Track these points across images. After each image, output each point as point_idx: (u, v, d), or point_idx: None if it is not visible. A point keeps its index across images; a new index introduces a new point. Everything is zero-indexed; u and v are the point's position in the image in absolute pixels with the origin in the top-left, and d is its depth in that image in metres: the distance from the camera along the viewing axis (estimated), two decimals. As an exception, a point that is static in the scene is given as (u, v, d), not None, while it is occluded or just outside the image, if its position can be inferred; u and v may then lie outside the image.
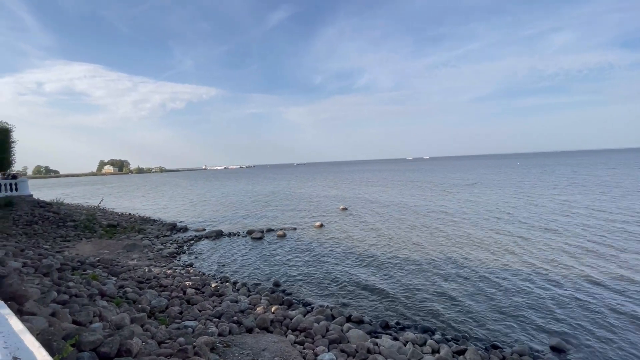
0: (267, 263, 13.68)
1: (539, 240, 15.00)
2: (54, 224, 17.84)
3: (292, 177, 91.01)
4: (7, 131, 21.62)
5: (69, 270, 9.38)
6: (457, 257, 13.15)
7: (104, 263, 11.49)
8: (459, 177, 56.54)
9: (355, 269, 12.39)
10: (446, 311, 8.89)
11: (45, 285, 7.14)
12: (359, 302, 9.70)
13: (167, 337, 5.86)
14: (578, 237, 15.02)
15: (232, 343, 6.00)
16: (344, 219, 22.99)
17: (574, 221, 18.23)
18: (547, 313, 8.54)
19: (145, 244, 16.46)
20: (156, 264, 13.14)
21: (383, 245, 15.58)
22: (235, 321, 7.43)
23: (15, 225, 16.36)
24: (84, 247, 14.87)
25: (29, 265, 8.59)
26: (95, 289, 7.84)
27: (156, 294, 8.84)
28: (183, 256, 15.15)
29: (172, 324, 6.99)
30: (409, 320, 8.55)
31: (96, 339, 4.34)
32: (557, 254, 13.05)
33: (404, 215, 22.91)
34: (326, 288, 10.82)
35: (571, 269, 11.34)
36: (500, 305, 9.04)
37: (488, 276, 11.09)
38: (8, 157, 21.82)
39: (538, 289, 9.97)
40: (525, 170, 66.46)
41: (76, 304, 6.30)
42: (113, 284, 8.82)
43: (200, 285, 10.30)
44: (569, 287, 9.95)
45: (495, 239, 15.63)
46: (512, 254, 13.26)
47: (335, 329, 7.41)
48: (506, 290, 10.00)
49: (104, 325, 5.61)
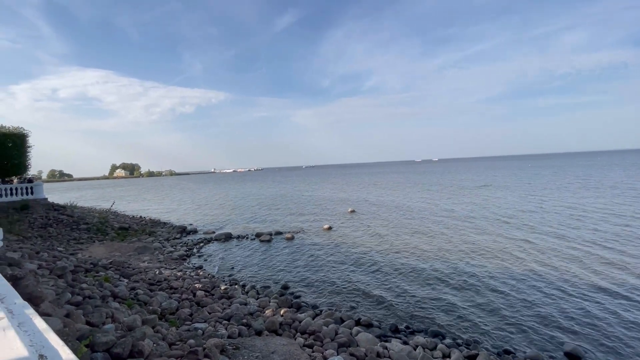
0: (275, 266, 13.71)
1: (550, 245, 14.70)
2: (68, 227, 18.22)
3: (301, 179, 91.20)
4: (24, 136, 22.23)
5: (82, 272, 9.56)
6: (467, 262, 12.98)
7: (116, 265, 11.68)
8: (468, 179, 55.86)
9: (364, 272, 12.33)
10: (457, 315, 8.76)
11: (59, 286, 7.29)
12: (368, 305, 9.64)
13: (178, 339, 5.91)
14: (591, 243, 14.66)
15: (242, 345, 6.02)
16: (352, 221, 22.92)
17: (586, 225, 17.82)
18: (561, 319, 8.34)
19: (155, 246, 16.68)
20: (166, 266, 13.29)
21: (392, 248, 15.47)
22: (244, 324, 7.46)
23: (31, 228, 16.78)
24: (97, 249, 15.14)
25: (44, 267, 8.79)
26: (107, 291, 7.98)
27: (167, 295, 8.94)
28: (193, 258, 15.30)
29: (183, 326, 7.05)
30: (419, 324, 8.45)
31: (109, 340, 4.41)
32: (568, 259, 12.77)
33: (412, 218, 22.73)
34: (335, 291, 10.78)
35: (585, 276, 11.07)
36: (512, 311, 8.88)
37: (499, 281, 10.91)
38: (24, 162, 22.41)
39: (551, 295, 9.77)
40: (537, 172, 65.30)
41: (89, 305, 6.42)
42: (125, 286, 8.95)
43: (210, 288, 10.38)
44: (583, 294, 9.72)
45: (505, 244, 15.38)
46: (522, 260, 13.02)
47: (344, 332, 7.37)
48: (518, 295, 9.81)
49: (116, 326, 5.70)
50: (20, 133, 21.94)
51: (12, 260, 7.88)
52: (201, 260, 15.01)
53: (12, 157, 21.47)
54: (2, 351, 0.71)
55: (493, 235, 16.68)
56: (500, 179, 52.27)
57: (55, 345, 0.76)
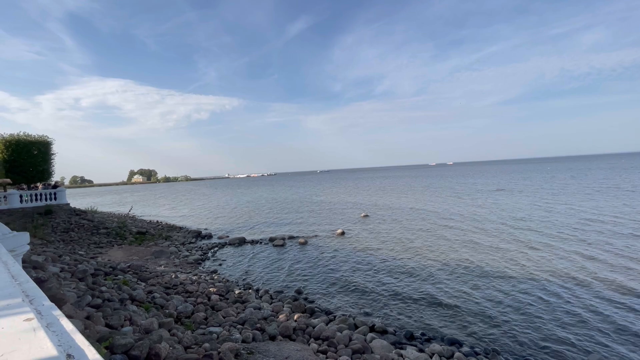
0: (289, 270, 13.73)
1: (571, 252, 14.19)
2: (89, 231, 18.80)
3: (314, 184, 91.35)
4: (48, 144, 23.21)
5: (102, 275, 9.83)
6: (483, 268, 12.66)
7: (134, 269, 11.95)
8: (483, 183, 54.66)
9: (377, 278, 12.19)
10: (474, 323, 8.53)
11: (80, 289, 7.51)
12: (382, 311, 9.51)
13: (193, 342, 5.98)
14: (615, 250, 14.07)
15: (256, 350, 6.04)
16: (365, 226, 22.75)
17: (607, 229, 17.11)
18: (583, 329, 8.01)
19: (171, 250, 16.99)
20: (182, 270, 13.51)
21: (406, 253, 15.26)
22: (258, 328, 7.48)
23: (54, 232, 17.39)
24: (116, 253, 15.54)
25: (66, 270, 9.09)
26: (125, 294, 8.16)
27: (182, 299, 9.07)
28: (207, 263, 15.50)
29: (198, 330, 7.13)
30: (435, 331, 8.27)
31: (127, 342, 4.50)
32: (589, 266, 12.28)
33: (426, 223, 22.37)
34: (348, 296, 10.69)
35: (607, 283, 10.62)
36: (533, 319, 8.58)
37: (518, 289, 10.58)
38: (49, 168, 23.38)
39: (573, 304, 9.40)
40: (556, 175, 63.29)
41: (109, 308, 6.58)
42: (142, 289, 9.14)
43: (224, 292, 10.48)
44: (607, 303, 9.31)
45: (524, 250, 14.93)
46: (541, 266, 12.60)
47: (358, 338, 7.29)
48: (539, 304, 9.49)
49: (134, 329, 5.82)
50: (45, 141, 22.93)
51: (37, 263, 8.18)
52: (216, 264, 15.19)
53: (37, 164, 22.45)
54: (34, 350, 0.74)
55: (513, 243, 16.23)
56: (519, 183, 50.91)
57: (81, 346, 0.78)
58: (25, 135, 22.27)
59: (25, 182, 22.62)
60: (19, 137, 21.88)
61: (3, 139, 21.54)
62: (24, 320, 0.92)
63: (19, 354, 0.73)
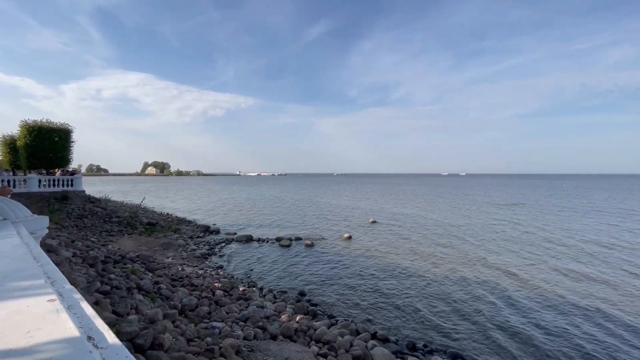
0: (293, 271, 13.76)
1: (586, 271, 13.80)
2: (101, 219, 19.25)
3: (325, 187, 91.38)
4: (69, 132, 23.92)
5: (111, 263, 10.05)
6: (491, 283, 12.42)
7: (142, 259, 12.18)
8: (496, 196, 53.65)
9: (382, 285, 12.10)
10: (479, 338, 8.38)
11: (90, 275, 7.70)
12: (385, 319, 9.43)
13: (196, 336, 6.06)
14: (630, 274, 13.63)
15: (257, 348, 6.07)
16: (372, 232, 22.62)
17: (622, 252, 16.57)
18: (594, 349, 7.77)
19: (180, 243, 17.24)
20: (189, 263, 13.69)
21: (412, 262, 15.10)
22: (260, 327, 7.52)
23: (69, 217, 17.87)
24: (126, 242, 15.87)
25: (78, 256, 9.33)
26: (133, 283, 8.33)
27: (187, 292, 9.19)
28: (214, 258, 15.66)
29: (201, 323, 7.22)
30: (438, 344, 8.15)
31: (132, 331, 4.60)
32: (603, 288, 11.91)
33: (435, 233, 22.10)
34: (351, 302, 10.64)
35: (622, 308, 10.28)
36: (542, 337, 8.37)
37: (527, 305, 10.34)
38: (67, 155, 24.08)
39: (583, 325, 9.13)
40: (573, 193, 61.68)
41: (116, 296, 6.73)
42: (149, 280, 9.31)
43: (229, 288, 10.57)
44: (622, 328, 9.01)
45: (536, 265, 14.58)
46: (557, 285, 12.29)
47: (359, 344, 7.25)
48: (549, 322, 9.25)
49: (139, 318, 5.93)
50: (65, 129, 23.64)
51: (51, 247, 8.43)
52: (222, 260, 15.34)
53: (57, 151, 23.14)
54: (57, 330, 0.79)
55: (525, 258, 15.87)
56: (534, 198, 49.80)
57: (101, 329, 0.82)
58: (47, 122, 23.00)
59: (44, 167, 23.34)
60: (42, 124, 22.61)
61: (27, 125, 22.30)
62: (47, 301, 0.97)
63: (44, 333, 0.77)
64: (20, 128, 22.51)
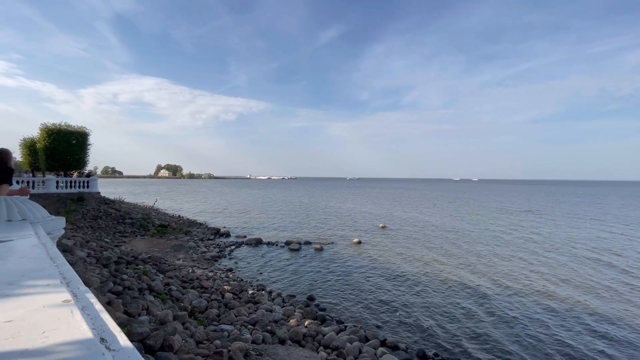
0: (302, 275, 13.72)
1: (604, 281, 13.34)
2: (115, 220, 19.65)
3: (335, 190, 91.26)
4: (86, 135, 24.61)
5: (124, 263, 10.23)
6: (503, 291, 12.12)
7: (154, 260, 12.35)
8: (509, 202, 52.55)
9: (392, 291, 11.95)
10: (490, 348, 8.16)
11: (103, 275, 7.85)
12: (394, 326, 9.29)
13: (205, 338, 6.09)
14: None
15: (265, 352, 6.06)
16: (382, 237, 22.42)
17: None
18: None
19: (190, 245, 17.44)
20: (199, 265, 13.82)
21: (422, 269, 14.88)
22: (268, 330, 7.51)
23: (84, 218, 18.31)
24: (138, 243, 16.14)
25: (92, 256, 9.53)
26: (144, 284, 8.45)
27: (197, 294, 9.27)
28: (224, 260, 15.77)
29: (210, 326, 7.26)
30: (448, 352, 7.98)
31: (143, 331, 4.65)
32: (622, 297, 11.48)
33: (446, 240, 21.75)
34: (360, 307, 10.53)
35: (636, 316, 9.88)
36: (556, 348, 8.11)
37: (540, 315, 10.04)
38: (84, 158, 24.76)
39: (599, 334, 8.81)
40: (589, 200, 59.91)
41: (128, 296, 6.83)
42: (160, 281, 9.43)
43: (238, 291, 10.62)
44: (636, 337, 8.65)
45: (551, 274, 14.18)
46: (570, 295, 11.91)
47: (368, 351, 7.16)
48: (563, 333, 8.96)
49: (150, 318, 6.00)
50: (83, 132, 24.34)
51: (66, 247, 8.63)
52: (232, 262, 15.43)
53: (75, 153, 23.83)
54: (72, 331, 0.80)
55: (540, 266, 15.46)
56: (549, 205, 48.60)
57: (113, 331, 0.83)
58: (66, 125, 23.73)
59: (62, 169, 24.03)
60: (61, 127, 23.34)
61: (46, 128, 23.05)
62: (62, 301, 0.99)
63: (59, 333, 0.79)
64: (40, 131, 23.28)
